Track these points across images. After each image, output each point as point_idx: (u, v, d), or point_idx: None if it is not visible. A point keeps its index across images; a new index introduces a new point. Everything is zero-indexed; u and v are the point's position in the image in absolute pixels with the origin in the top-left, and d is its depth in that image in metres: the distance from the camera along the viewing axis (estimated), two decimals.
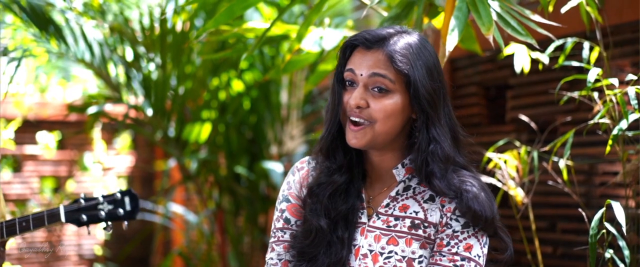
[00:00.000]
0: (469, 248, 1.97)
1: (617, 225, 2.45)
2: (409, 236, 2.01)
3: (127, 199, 2.69)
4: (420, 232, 2.01)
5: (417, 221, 2.02)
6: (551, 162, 3.21)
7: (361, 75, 1.98)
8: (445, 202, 2.01)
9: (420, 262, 2.00)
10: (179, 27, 4.38)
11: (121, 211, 2.67)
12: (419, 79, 1.95)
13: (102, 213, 2.66)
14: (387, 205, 2.06)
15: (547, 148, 3.03)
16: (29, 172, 7.03)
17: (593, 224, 2.40)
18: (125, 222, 2.71)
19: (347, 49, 2.04)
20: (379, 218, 2.06)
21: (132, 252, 6.85)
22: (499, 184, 3.20)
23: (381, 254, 2.02)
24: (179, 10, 4.35)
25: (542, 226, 3.68)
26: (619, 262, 2.51)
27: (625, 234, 2.46)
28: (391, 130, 1.99)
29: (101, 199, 2.67)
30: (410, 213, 2.03)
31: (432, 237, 2.01)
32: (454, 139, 2.05)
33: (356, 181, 2.10)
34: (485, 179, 3.31)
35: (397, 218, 2.04)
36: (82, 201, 2.66)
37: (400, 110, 1.98)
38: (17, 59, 3.93)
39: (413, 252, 2.00)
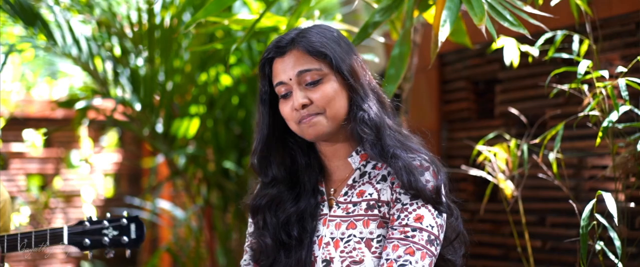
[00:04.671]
0: (419, 219, 2.00)
1: (608, 217, 2.45)
2: (366, 218, 2.07)
3: (133, 226, 2.65)
4: (375, 212, 2.07)
5: (371, 202, 2.08)
6: (541, 156, 3.21)
7: (290, 79, 2.05)
8: (395, 179, 2.05)
9: (378, 242, 2.05)
10: (167, 23, 4.36)
11: (126, 238, 2.63)
12: (337, 55, 2.05)
13: (106, 239, 2.62)
14: (346, 193, 2.13)
15: (536, 141, 3.04)
16: (15, 170, 6.99)
17: (584, 215, 2.39)
18: (128, 251, 2.68)
19: (265, 65, 2.12)
20: (338, 207, 2.12)
21: (120, 249, 6.82)
22: (489, 177, 3.20)
23: (341, 239, 2.08)
24: (167, 5, 4.33)
25: (531, 220, 3.68)
26: (610, 254, 2.50)
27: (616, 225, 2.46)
28: (340, 111, 2.05)
29: (107, 224, 2.62)
30: (366, 196, 2.09)
31: (387, 216, 2.05)
32: (380, 102, 2.12)
33: (303, 183, 2.18)
34: (475, 172, 3.31)
35: (355, 204, 2.10)
36: (87, 224, 2.62)
37: (339, 91, 2.05)
38: (3, 54, 3.90)
39: (371, 233, 2.06)
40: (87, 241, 2.61)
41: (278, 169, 2.17)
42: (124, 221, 2.64)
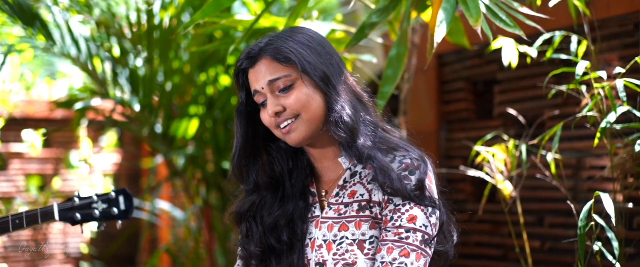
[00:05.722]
0: (412, 219, 1.99)
1: (606, 217, 2.45)
2: (358, 219, 2.06)
3: (121, 199, 2.67)
4: (367, 213, 2.06)
5: (363, 203, 2.07)
6: (539, 156, 3.21)
7: (263, 88, 2.06)
8: None
9: (371, 243, 2.04)
10: (166, 23, 4.36)
11: (116, 210, 2.65)
12: (305, 59, 2.03)
13: (97, 212, 2.64)
14: (337, 194, 2.12)
15: (535, 141, 3.04)
16: (15, 171, 6.99)
17: (582, 215, 2.40)
18: (119, 222, 2.70)
19: (239, 76, 2.13)
20: (331, 209, 2.12)
21: (119, 250, 6.82)
22: (488, 178, 3.20)
23: (334, 241, 2.07)
24: (167, 5, 4.33)
25: (530, 221, 3.69)
26: (608, 254, 2.51)
27: (614, 226, 2.46)
28: (317, 113, 2.05)
29: (95, 198, 2.65)
30: (358, 197, 2.08)
31: (379, 217, 2.04)
32: (361, 104, 2.11)
33: (288, 187, 2.18)
34: (474, 172, 3.31)
35: (346, 205, 2.09)
36: (77, 200, 2.64)
37: (312, 94, 2.04)
38: (2, 54, 3.91)
39: (363, 234, 2.05)
40: (77, 215, 2.63)
41: (258, 175, 2.17)
42: (113, 194, 2.67)
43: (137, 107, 4.51)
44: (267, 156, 2.19)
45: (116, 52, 4.51)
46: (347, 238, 2.05)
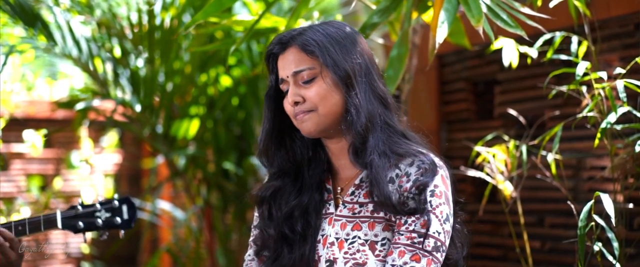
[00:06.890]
0: (426, 224, 1.98)
1: (606, 217, 2.45)
2: (372, 220, 2.06)
3: (124, 207, 2.67)
4: (382, 214, 2.05)
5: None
6: (540, 157, 3.21)
7: (287, 77, 2.08)
8: (403, 182, 2.03)
9: (383, 245, 2.04)
10: (167, 24, 4.37)
11: (118, 219, 2.65)
12: (330, 55, 2.04)
13: (99, 221, 2.63)
14: (353, 193, 2.12)
15: (535, 142, 3.04)
16: (16, 171, 6.99)
17: (582, 215, 2.40)
18: (122, 231, 2.69)
19: (269, 60, 2.15)
20: (345, 207, 2.12)
21: (120, 250, 6.82)
22: (488, 178, 3.21)
23: (346, 240, 2.07)
24: (168, 6, 4.34)
25: (530, 221, 3.69)
26: (608, 255, 2.51)
27: (614, 226, 2.46)
28: (333, 109, 2.06)
29: (99, 206, 2.64)
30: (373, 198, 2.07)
31: (393, 219, 2.04)
32: (385, 107, 2.10)
33: (306, 177, 2.18)
34: (474, 173, 3.32)
35: (361, 205, 2.09)
36: (80, 207, 2.64)
37: (332, 89, 2.05)
38: (3, 55, 3.91)
39: (376, 235, 2.05)
40: (80, 224, 2.62)
41: (283, 161, 2.18)
42: (116, 202, 2.66)
43: (138, 108, 4.51)
44: (291, 142, 2.19)
45: (117, 52, 4.52)
46: (359, 238, 2.05)
